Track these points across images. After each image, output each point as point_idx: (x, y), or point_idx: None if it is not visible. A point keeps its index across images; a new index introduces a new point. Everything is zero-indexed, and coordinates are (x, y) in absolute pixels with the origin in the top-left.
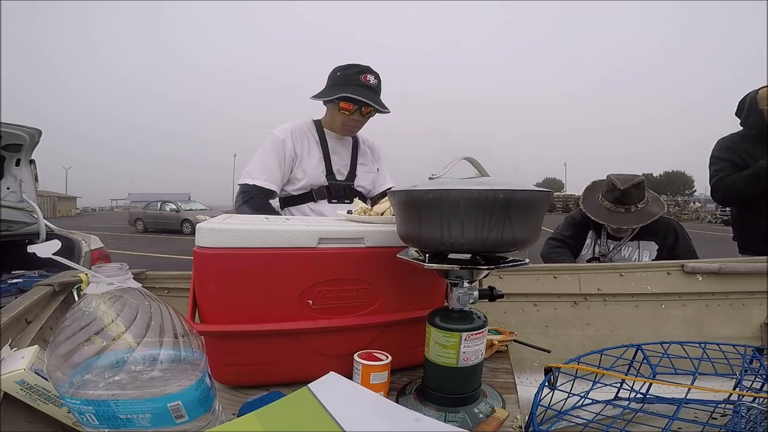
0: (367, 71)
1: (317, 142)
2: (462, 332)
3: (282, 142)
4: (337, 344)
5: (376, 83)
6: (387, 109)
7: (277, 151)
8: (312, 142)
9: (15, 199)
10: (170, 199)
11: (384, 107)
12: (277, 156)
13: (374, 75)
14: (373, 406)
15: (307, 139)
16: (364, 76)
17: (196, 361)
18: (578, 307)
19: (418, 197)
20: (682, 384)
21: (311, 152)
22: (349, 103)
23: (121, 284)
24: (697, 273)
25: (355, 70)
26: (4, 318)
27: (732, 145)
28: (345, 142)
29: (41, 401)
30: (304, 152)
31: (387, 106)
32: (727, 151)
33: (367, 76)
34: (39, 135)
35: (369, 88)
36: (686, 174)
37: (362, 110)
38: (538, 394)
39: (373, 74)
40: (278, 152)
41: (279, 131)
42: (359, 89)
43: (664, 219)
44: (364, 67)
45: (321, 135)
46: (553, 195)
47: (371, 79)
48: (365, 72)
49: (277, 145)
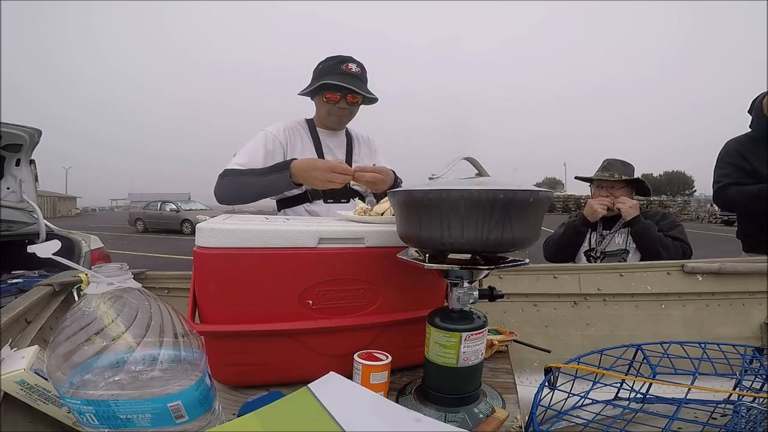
0: (348, 60)
1: (310, 140)
2: (462, 332)
3: (274, 137)
4: (337, 344)
5: (359, 71)
6: (373, 95)
7: (266, 143)
8: (305, 139)
9: (15, 199)
10: (170, 199)
11: (370, 94)
12: (265, 148)
13: (356, 63)
14: (373, 406)
15: (300, 136)
16: (346, 65)
17: (196, 361)
18: (578, 307)
19: (418, 197)
20: (682, 384)
21: (304, 151)
22: (333, 92)
23: (121, 284)
24: (697, 273)
25: (336, 60)
26: (4, 318)
27: (739, 147)
28: (338, 140)
29: (41, 401)
30: (297, 150)
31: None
32: (734, 154)
33: (348, 64)
34: (39, 135)
35: (351, 75)
36: (686, 174)
37: (347, 99)
38: (538, 394)
39: (355, 63)
40: (267, 144)
41: (272, 128)
42: (341, 77)
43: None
44: (345, 56)
45: (314, 134)
46: (553, 195)
47: (353, 67)
48: (346, 61)
49: (268, 138)
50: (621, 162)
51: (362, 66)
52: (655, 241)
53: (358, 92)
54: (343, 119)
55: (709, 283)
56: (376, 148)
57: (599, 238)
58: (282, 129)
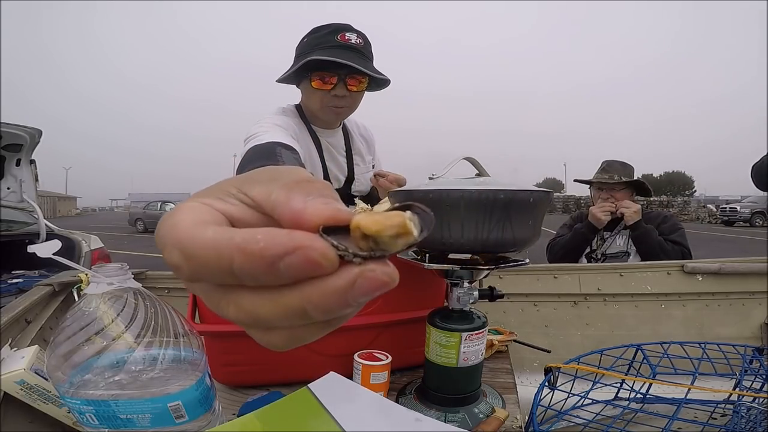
0: (344, 28)
1: (311, 141)
2: (462, 332)
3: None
4: (337, 344)
5: (361, 42)
6: (383, 76)
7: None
8: (310, 143)
9: (15, 199)
10: (170, 199)
11: (379, 73)
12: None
13: (356, 33)
14: (373, 406)
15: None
16: (341, 35)
17: (196, 361)
18: (578, 307)
19: (419, 197)
20: (682, 384)
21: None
22: (324, 73)
23: (121, 284)
24: (697, 273)
25: (328, 29)
26: (4, 318)
27: None
28: (336, 138)
29: (41, 401)
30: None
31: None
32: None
33: (344, 34)
34: (39, 135)
35: (351, 48)
36: (686, 174)
37: (348, 83)
38: (538, 394)
39: (355, 32)
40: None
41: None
42: (336, 51)
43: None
44: (341, 24)
45: (313, 134)
46: (553, 195)
47: (352, 38)
48: (342, 30)
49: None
50: (620, 163)
51: (365, 37)
52: (656, 245)
53: (363, 71)
54: (342, 112)
55: (709, 283)
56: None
57: (600, 241)
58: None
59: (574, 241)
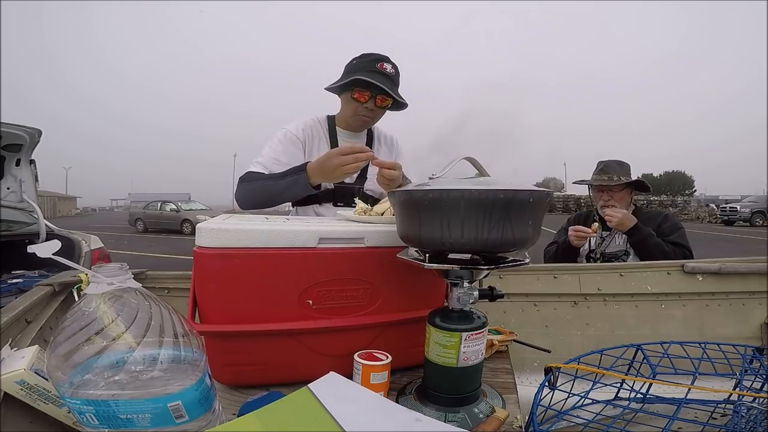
0: (383, 59)
1: (327, 140)
2: (462, 332)
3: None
4: (337, 344)
5: (394, 73)
6: (404, 100)
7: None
8: (323, 139)
9: (15, 199)
10: (170, 199)
11: (401, 98)
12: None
13: (392, 64)
14: (373, 406)
15: (319, 137)
16: (381, 64)
17: (196, 361)
18: (578, 307)
19: (419, 197)
20: (682, 384)
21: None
22: (363, 91)
23: (121, 284)
24: (697, 273)
25: (371, 58)
26: (4, 318)
27: None
28: (358, 141)
29: (41, 401)
30: (314, 152)
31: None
32: None
33: (383, 64)
34: (39, 135)
35: (385, 76)
36: (686, 174)
37: (377, 100)
38: (538, 394)
39: (391, 63)
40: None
41: (292, 126)
42: (375, 75)
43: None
44: (381, 55)
45: (332, 132)
46: (553, 195)
47: (388, 68)
48: (382, 60)
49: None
50: (616, 162)
51: (397, 68)
52: (654, 250)
53: (390, 94)
54: (368, 122)
55: (709, 283)
56: (399, 153)
57: (599, 240)
58: (301, 128)
59: (562, 252)
